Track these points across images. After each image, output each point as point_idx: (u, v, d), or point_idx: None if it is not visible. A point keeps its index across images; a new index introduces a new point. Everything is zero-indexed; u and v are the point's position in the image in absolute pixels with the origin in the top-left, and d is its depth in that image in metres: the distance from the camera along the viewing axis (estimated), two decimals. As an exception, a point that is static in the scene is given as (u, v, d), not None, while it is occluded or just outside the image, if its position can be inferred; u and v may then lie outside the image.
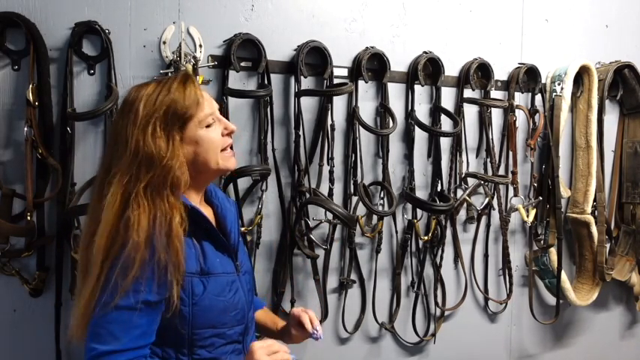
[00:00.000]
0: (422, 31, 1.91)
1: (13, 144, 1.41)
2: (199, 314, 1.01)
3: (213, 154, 1.06)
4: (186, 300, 1.00)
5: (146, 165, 0.97)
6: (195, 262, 1.02)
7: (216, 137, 1.07)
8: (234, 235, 1.16)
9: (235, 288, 1.10)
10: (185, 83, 1.04)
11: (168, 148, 0.98)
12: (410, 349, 2.00)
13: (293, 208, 1.70)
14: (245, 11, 1.64)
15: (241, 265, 1.15)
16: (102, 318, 0.93)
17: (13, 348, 1.44)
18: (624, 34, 2.33)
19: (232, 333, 1.08)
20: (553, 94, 2.09)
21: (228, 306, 1.06)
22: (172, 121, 1.00)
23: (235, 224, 1.18)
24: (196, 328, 1.02)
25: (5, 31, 1.38)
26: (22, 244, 1.42)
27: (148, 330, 0.97)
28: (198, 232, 1.05)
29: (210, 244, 1.07)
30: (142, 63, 1.51)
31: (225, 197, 1.25)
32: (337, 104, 1.76)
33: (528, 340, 2.25)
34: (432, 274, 1.98)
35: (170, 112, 1.00)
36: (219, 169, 1.08)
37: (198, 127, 1.04)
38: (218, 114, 1.09)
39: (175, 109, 1.01)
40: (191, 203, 1.03)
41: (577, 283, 2.25)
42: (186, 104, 1.01)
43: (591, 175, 2.13)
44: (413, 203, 1.86)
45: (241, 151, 1.65)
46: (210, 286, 1.03)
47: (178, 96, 1.01)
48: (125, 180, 0.97)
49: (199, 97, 1.04)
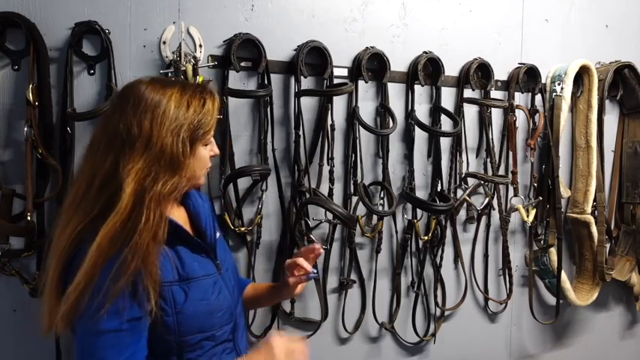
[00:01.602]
0: (422, 31, 1.91)
1: (13, 144, 1.41)
2: (185, 322, 0.99)
3: (201, 171, 1.07)
4: (168, 310, 0.97)
5: (171, 168, 0.97)
6: (172, 270, 0.99)
7: (207, 156, 1.08)
8: (210, 233, 1.12)
9: (219, 288, 1.07)
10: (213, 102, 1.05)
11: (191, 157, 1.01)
12: (410, 349, 2.00)
13: (293, 208, 1.70)
14: (245, 11, 1.64)
15: (222, 262, 1.13)
16: (90, 345, 0.90)
17: (13, 348, 1.44)
18: (624, 34, 2.33)
19: (221, 334, 1.07)
20: (553, 94, 2.09)
21: (213, 308, 1.04)
22: (197, 134, 1.01)
23: (210, 220, 1.15)
24: (184, 336, 1.00)
25: (5, 31, 1.38)
26: (22, 244, 1.42)
27: (138, 346, 0.94)
28: (171, 239, 1.01)
29: (186, 248, 1.04)
30: (142, 63, 1.51)
31: (196, 193, 1.19)
32: (337, 104, 1.76)
33: (528, 340, 2.25)
34: (432, 274, 1.98)
35: (200, 125, 1.01)
36: (198, 184, 1.10)
37: (202, 143, 1.05)
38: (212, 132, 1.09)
39: (204, 124, 1.02)
40: None
41: (577, 283, 2.25)
42: (211, 124, 1.04)
43: (591, 175, 2.13)
44: (413, 203, 1.86)
45: (241, 151, 1.65)
46: (192, 292, 1.00)
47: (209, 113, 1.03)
48: (142, 177, 0.94)
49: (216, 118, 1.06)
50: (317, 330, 1.75)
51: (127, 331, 0.92)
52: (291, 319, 1.75)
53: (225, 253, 1.19)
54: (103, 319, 0.89)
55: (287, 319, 1.75)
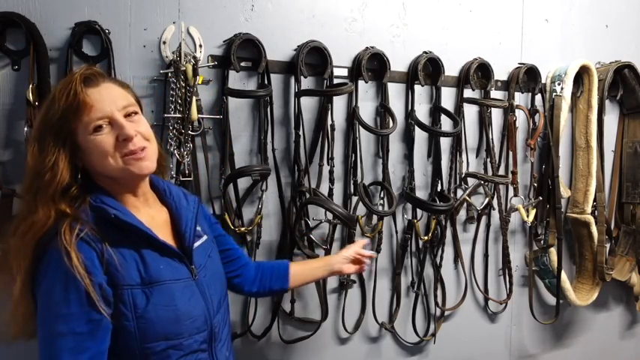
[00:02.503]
0: (422, 31, 1.91)
1: (13, 144, 1.41)
2: (147, 328, 0.94)
3: (109, 161, 0.97)
4: (128, 314, 0.93)
5: (27, 173, 0.97)
6: (135, 272, 0.95)
7: (107, 144, 0.96)
8: (189, 236, 1.07)
9: (189, 295, 1.02)
10: (68, 83, 0.95)
11: (41, 156, 0.94)
12: (410, 349, 2.00)
13: (293, 208, 1.70)
14: (245, 11, 1.64)
15: (201, 267, 1.08)
16: (48, 348, 0.89)
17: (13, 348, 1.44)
18: (624, 34, 2.33)
19: (191, 343, 1.00)
20: (553, 94, 2.09)
21: (180, 315, 0.98)
22: (47, 128, 0.95)
23: (191, 223, 1.09)
24: (146, 343, 0.95)
25: (5, 31, 1.38)
26: (22, 244, 1.42)
27: (98, 350, 0.91)
28: (134, 240, 0.98)
29: (153, 250, 0.99)
30: (142, 63, 1.51)
31: (182, 195, 1.15)
32: (337, 104, 1.76)
33: (528, 340, 2.25)
34: (432, 274, 1.98)
35: (46, 118, 0.96)
36: (126, 175, 0.99)
37: (85, 133, 0.96)
38: (116, 116, 0.97)
39: (51, 114, 0.95)
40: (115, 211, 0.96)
41: (577, 283, 2.25)
42: (60, 110, 0.94)
43: (591, 175, 2.13)
44: (413, 203, 1.86)
45: (241, 151, 1.65)
46: (155, 297, 0.96)
47: (55, 99, 0.95)
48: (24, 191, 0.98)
49: (83, 99, 0.94)
50: (317, 330, 1.75)
51: (85, 334, 0.89)
52: (291, 319, 1.75)
53: (209, 258, 1.14)
54: (58, 320, 0.88)
55: (287, 319, 1.75)
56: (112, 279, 0.93)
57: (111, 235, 0.95)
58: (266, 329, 1.69)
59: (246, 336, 1.69)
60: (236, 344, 1.69)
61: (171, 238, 1.08)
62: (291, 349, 1.77)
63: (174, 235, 1.09)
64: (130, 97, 1.03)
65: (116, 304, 0.93)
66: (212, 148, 1.60)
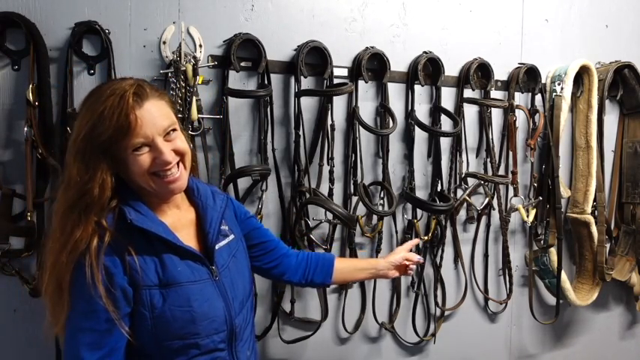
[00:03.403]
0: (422, 31, 1.91)
1: (13, 144, 1.41)
2: (162, 327, 0.98)
3: (144, 180, 1.00)
4: (146, 314, 0.97)
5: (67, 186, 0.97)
6: (153, 274, 0.98)
7: (144, 163, 0.99)
8: (212, 237, 1.08)
9: (207, 296, 1.03)
10: (118, 104, 0.95)
11: (88, 174, 0.95)
12: (410, 349, 2.00)
13: (293, 208, 1.70)
14: (245, 11, 1.64)
15: (222, 268, 1.08)
16: (69, 341, 0.94)
17: (13, 348, 1.44)
18: (624, 34, 2.33)
19: (208, 342, 1.02)
20: (553, 94, 2.09)
21: (196, 316, 1.00)
22: (95, 146, 0.95)
23: (216, 224, 1.11)
24: (163, 341, 0.98)
25: (5, 31, 1.38)
26: (22, 244, 1.42)
27: (114, 348, 0.95)
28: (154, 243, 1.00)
29: (173, 254, 1.01)
30: (142, 63, 1.51)
31: (209, 193, 1.16)
32: (337, 104, 1.76)
33: (528, 340, 2.25)
34: (432, 274, 1.98)
35: (94, 135, 0.95)
36: (158, 195, 1.04)
37: (127, 150, 0.97)
38: (157, 141, 0.98)
39: (99, 133, 0.95)
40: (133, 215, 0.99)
41: (577, 283, 2.25)
42: (110, 129, 0.94)
43: (591, 175, 2.13)
44: (413, 203, 1.86)
45: (241, 151, 1.65)
46: (171, 298, 0.98)
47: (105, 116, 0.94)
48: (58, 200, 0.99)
49: (130, 122, 0.95)
50: (317, 330, 1.75)
51: (103, 332, 0.94)
52: (291, 319, 1.75)
53: (234, 258, 1.14)
54: (80, 317, 0.93)
55: (287, 319, 1.75)
56: (132, 280, 0.97)
57: (133, 237, 0.98)
58: (266, 329, 1.69)
59: (246, 336, 1.69)
60: (236, 344, 1.69)
61: (194, 238, 1.10)
62: (291, 349, 1.77)
63: (198, 234, 1.11)
64: (171, 115, 1.03)
65: (135, 303, 0.97)
66: (212, 148, 1.60)
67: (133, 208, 1.01)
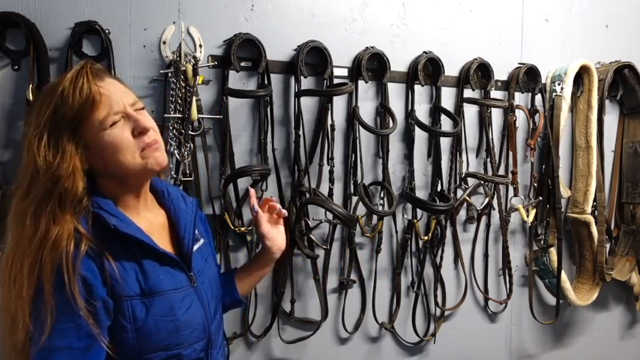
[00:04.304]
0: (422, 31, 1.91)
1: (13, 144, 1.41)
2: (145, 339, 0.92)
3: (126, 157, 0.92)
4: (127, 326, 0.91)
5: (32, 179, 0.89)
6: (134, 283, 0.93)
7: (123, 137, 0.92)
8: (188, 242, 1.04)
9: (188, 304, 0.99)
10: (76, 78, 0.90)
11: (57, 158, 0.88)
12: (410, 349, 2.00)
13: (293, 208, 1.70)
14: (245, 11, 1.64)
15: (199, 273, 1.05)
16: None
17: (13, 348, 1.44)
18: (624, 34, 2.33)
19: (190, 352, 0.98)
20: (553, 94, 2.09)
21: (180, 325, 0.96)
22: (60, 127, 0.88)
23: (190, 227, 1.06)
24: (145, 354, 0.93)
25: (5, 31, 1.38)
26: (22, 244, 1.42)
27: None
28: (133, 250, 0.94)
29: (152, 260, 0.96)
30: (142, 63, 1.51)
31: (180, 197, 1.12)
32: (337, 104, 1.76)
33: (528, 340, 2.25)
34: (432, 274, 1.98)
35: (57, 116, 0.88)
36: (142, 170, 0.95)
37: (99, 129, 0.90)
38: (129, 110, 0.94)
39: (63, 111, 0.88)
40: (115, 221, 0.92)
41: (577, 283, 2.25)
42: (75, 106, 0.88)
43: (591, 175, 2.13)
44: (413, 203, 1.86)
45: (241, 151, 1.65)
46: (155, 308, 0.93)
47: (66, 96, 0.88)
48: (18, 199, 0.90)
49: (94, 95, 0.89)
50: (317, 330, 1.75)
51: (82, 349, 0.86)
52: (291, 319, 1.75)
53: (206, 262, 1.11)
54: (57, 334, 0.84)
55: (287, 319, 1.75)
56: (112, 290, 0.91)
57: (110, 245, 0.92)
58: (266, 329, 1.69)
59: (246, 336, 1.69)
60: (236, 344, 1.69)
61: (169, 243, 1.05)
62: (291, 349, 1.77)
63: (172, 239, 1.06)
64: (133, 94, 1.00)
65: (115, 315, 0.91)
66: (212, 148, 1.60)
67: (107, 212, 0.93)
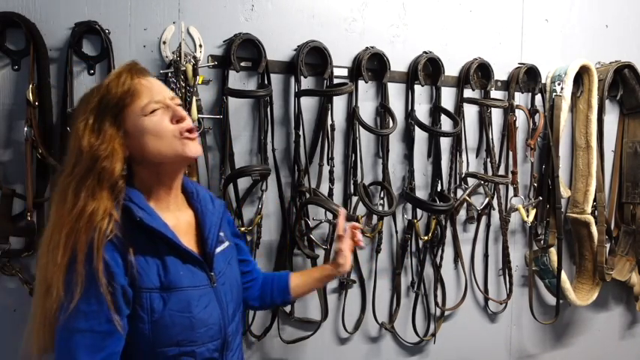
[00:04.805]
0: (422, 31, 1.91)
1: (13, 144, 1.41)
2: (160, 332, 0.94)
3: (164, 142, 0.98)
4: (144, 317, 0.94)
5: (77, 159, 0.95)
6: (155, 277, 0.96)
7: (163, 123, 0.99)
8: (211, 242, 1.06)
9: (206, 302, 1.01)
10: (120, 72, 1.00)
11: (98, 140, 0.94)
12: (410, 349, 2.00)
13: (293, 208, 1.70)
14: (245, 11, 1.64)
15: (220, 274, 1.07)
16: (65, 342, 0.89)
17: (13, 348, 1.44)
18: (624, 34, 2.33)
19: (203, 350, 1.00)
20: (553, 94, 2.09)
21: (195, 323, 0.98)
22: (103, 113, 0.97)
23: (215, 229, 1.09)
24: (159, 347, 0.95)
25: (5, 31, 1.38)
26: (22, 244, 1.42)
27: (113, 352, 0.92)
28: (158, 244, 0.98)
29: (175, 257, 0.99)
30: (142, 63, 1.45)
31: (209, 198, 1.15)
32: (337, 104, 1.76)
33: (528, 340, 2.25)
34: (432, 274, 1.98)
35: (102, 103, 0.97)
36: (178, 156, 1.00)
37: (139, 115, 0.98)
38: (168, 102, 1.01)
39: (107, 100, 0.97)
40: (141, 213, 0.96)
41: (577, 283, 2.25)
42: (118, 93, 0.97)
43: (591, 175, 2.13)
44: (413, 203, 1.86)
45: (241, 151, 1.65)
46: (172, 302, 0.96)
47: (110, 87, 0.98)
48: (63, 178, 0.96)
49: (136, 86, 0.99)
50: (317, 330, 1.75)
51: (104, 333, 0.90)
52: (291, 319, 1.75)
53: (228, 265, 1.12)
54: (80, 317, 0.88)
55: (287, 319, 1.75)
56: (132, 281, 0.93)
57: (136, 238, 0.95)
58: (266, 329, 1.69)
59: (246, 336, 1.69)
60: (236, 344, 1.69)
61: (194, 242, 1.07)
62: (291, 349, 1.77)
63: (197, 239, 1.08)
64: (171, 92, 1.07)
65: (134, 306, 0.94)
66: (212, 148, 1.60)
67: (136, 204, 0.97)
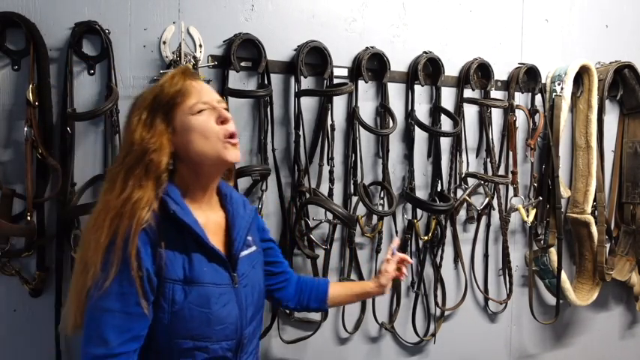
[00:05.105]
0: (422, 31, 1.91)
1: (13, 144, 1.41)
2: (178, 323, 0.98)
3: (208, 142, 1.03)
4: (165, 307, 0.97)
5: (128, 150, 1.00)
6: (180, 269, 0.99)
7: (209, 123, 1.03)
8: (238, 245, 1.09)
9: (225, 301, 1.03)
10: (174, 74, 1.06)
11: (149, 134, 1.00)
12: (410, 349, 2.00)
13: (293, 208, 1.70)
14: (245, 11, 1.64)
15: (242, 276, 1.09)
16: (93, 322, 0.93)
17: (13, 348, 1.44)
18: (624, 34, 2.33)
19: (217, 348, 1.02)
20: (553, 94, 2.10)
21: (212, 319, 1.00)
22: (156, 109, 1.02)
23: (243, 232, 1.12)
24: (175, 338, 0.98)
25: (5, 31, 1.38)
26: (22, 244, 1.42)
27: (139, 334, 0.96)
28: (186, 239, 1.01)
29: (201, 254, 1.02)
30: (142, 63, 1.51)
31: (241, 203, 1.19)
32: (337, 104, 1.76)
33: (528, 340, 2.25)
34: (432, 274, 1.98)
35: (155, 101, 1.03)
36: (219, 158, 1.04)
37: (187, 114, 1.03)
38: (215, 104, 1.06)
39: (160, 98, 1.03)
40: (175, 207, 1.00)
41: (577, 283, 2.25)
42: (170, 92, 1.03)
43: (591, 175, 2.13)
44: (413, 203, 1.86)
45: (241, 151, 1.63)
46: (193, 296, 0.99)
47: (164, 87, 1.04)
48: (113, 167, 1.02)
49: (187, 87, 1.04)
50: (317, 330, 1.75)
51: (132, 315, 0.94)
52: (291, 319, 1.75)
53: (253, 269, 1.14)
54: (112, 297, 0.92)
55: (287, 319, 1.75)
56: (159, 271, 0.97)
57: (168, 231, 0.99)
58: (266, 329, 1.69)
59: (246, 336, 1.69)
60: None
61: (221, 243, 1.10)
62: (291, 349, 1.77)
63: (225, 240, 1.11)
64: None
65: (157, 295, 0.97)
66: (212, 148, 1.60)
67: (172, 199, 1.01)
